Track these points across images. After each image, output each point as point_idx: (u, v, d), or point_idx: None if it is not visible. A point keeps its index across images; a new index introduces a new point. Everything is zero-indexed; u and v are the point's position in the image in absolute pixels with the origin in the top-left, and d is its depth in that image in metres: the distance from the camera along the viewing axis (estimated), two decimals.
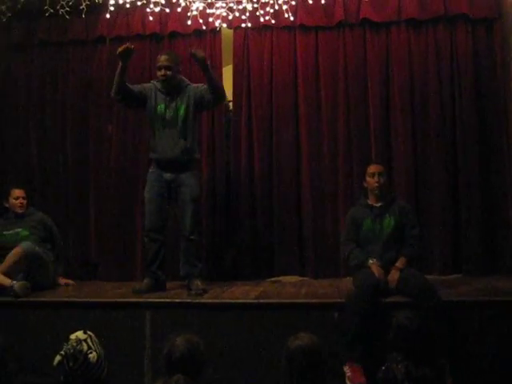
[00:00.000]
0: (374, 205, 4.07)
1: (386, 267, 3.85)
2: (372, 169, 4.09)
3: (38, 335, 3.85)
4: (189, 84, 4.47)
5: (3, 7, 4.99)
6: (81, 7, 4.82)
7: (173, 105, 4.37)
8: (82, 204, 5.41)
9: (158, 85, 4.43)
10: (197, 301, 3.92)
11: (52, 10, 4.88)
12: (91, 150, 5.44)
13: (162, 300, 3.98)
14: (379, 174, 4.05)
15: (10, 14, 5.01)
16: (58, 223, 5.13)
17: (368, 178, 4.10)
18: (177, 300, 3.98)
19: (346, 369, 3.45)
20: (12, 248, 4.32)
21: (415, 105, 5.10)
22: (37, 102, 5.54)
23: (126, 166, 5.33)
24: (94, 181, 5.41)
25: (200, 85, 4.43)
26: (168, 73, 4.33)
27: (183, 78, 4.50)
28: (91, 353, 2.46)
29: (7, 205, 4.73)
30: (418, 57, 5.12)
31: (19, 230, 4.60)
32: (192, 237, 4.30)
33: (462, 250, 4.94)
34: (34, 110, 5.54)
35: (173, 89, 4.39)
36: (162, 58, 4.37)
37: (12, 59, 5.58)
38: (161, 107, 4.38)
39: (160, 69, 4.36)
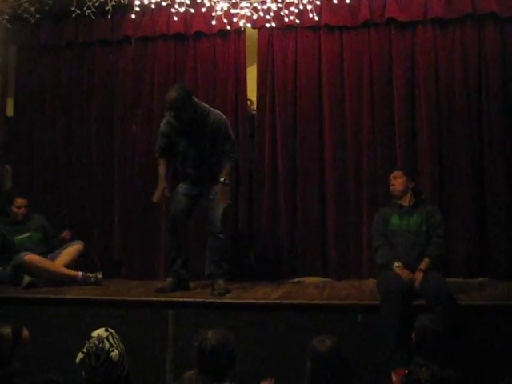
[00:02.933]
0: (403, 204, 4.18)
1: (412, 265, 3.86)
2: (392, 174, 4.34)
3: (61, 332, 3.90)
4: (210, 111, 4.34)
5: (31, 9, 5.05)
6: (107, 8, 4.85)
7: (194, 135, 4.30)
8: (106, 203, 5.46)
9: (173, 121, 4.32)
10: (219, 301, 3.92)
11: (79, 11, 4.92)
12: (116, 149, 5.49)
13: (185, 299, 3.99)
14: (394, 178, 4.27)
15: (38, 16, 5.07)
16: (83, 221, 5.20)
17: (390, 183, 4.31)
18: (199, 299, 3.99)
19: (394, 375, 3.39)
20: (28, 251, 4.59)
21: (441, 106, 5.02)
22: (63, 102, 5.61)
23: (150, 165, 5.35)
24: (119, 180, 5.46)
25: (220, 127, 4.33)
26: (179, 114, 4.19)
27: (201, 105, 4.34)
28: (113, 350, 2.46)
29: (9, 211, 4.87)
30: (444, 57, 5.05)
31: (29, 233, 4.85)
32: (221, 236, 4.31)
33: (488, 252, 4.86)
34: (60, 111, 5.61)
35: (190, 119, 4.26)
36: (170, 99, 4.15)
37: (39, 60, 5.66)
38: (183, 142, 4.34)
39: (169, 110, 4.22)
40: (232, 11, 4.81)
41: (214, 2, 4.79)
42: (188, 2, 4.75)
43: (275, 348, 3.67)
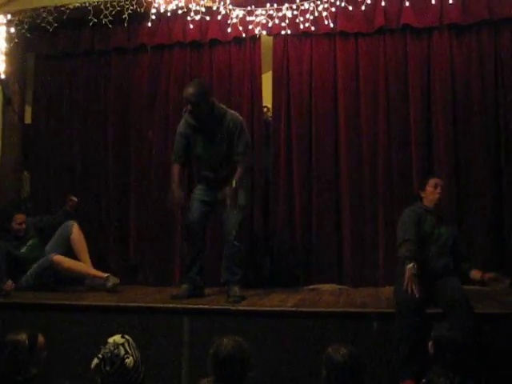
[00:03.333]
0: (436, 213, 4.11)
1: (435, 275, 3.81)
2: (435, 180, 4.19)
3: (77, 339, 3.91)
4: (226, 111, 4.34)
5: (50, 18, 5.13)
6: (123, 16, 4.92)
7: (210, 138, 4.29)
8: (122, 209, 5.50)
9: (191, 120, 4.32)
10: (234, 308, 3.91)
11: (95, 20, 4.99)
12: (132, 155, 5.53)
13: (200, 306, 3.99)
14: (438, 186, 4.16)
15: (56, 25, 5.14)
16: (99, 226, 5.24)
17: (430, 188, 4.15)
18: (214, 306, 3.99)
19: None
20: (34, 259, 4.73)
21: (457, 112, 4.99)
22: (80, 109, 5.66)
23: (166, 171, 5.36)
24: (135, 187, 5.49)
25: (236, 130, 4.29)
26: (196, 109, 4.19)
27: (218, 105, 4.34)
28: (128, 357, 2.46)
29: (9, 227, 4.87)
30: (460, 62, 5.01)
31: (30, 242, 4.91)
32: (236, 243, 4.30)
33: (509, 258, 4.79)
34: (77, 118, 5.66)
35: (207, 118, 4.27)
36: (187, 93, 4.18)
37: (57, 68, 5.73)
38: (199, 146, 4.33)
39: (186, 103, 4.24)
40: (247, 19, 4.84)
41: (230, 10, 4.83)
42: (203, 10, 4.80)
43: (291, 355, 3.65)
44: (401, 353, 3.45)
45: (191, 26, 5.03)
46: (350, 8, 4.79)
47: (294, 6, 4.84)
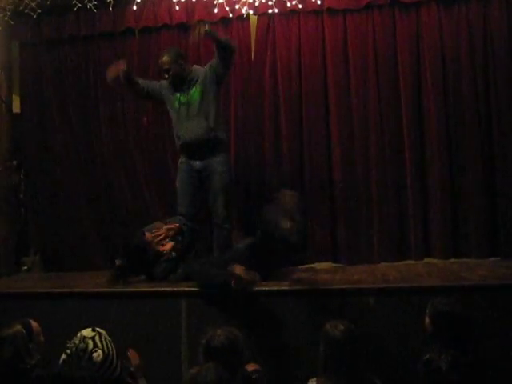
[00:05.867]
0: None
1: None
2: None
3: (71, 326, 3.88)
4: (198, 69, 4.49)
5: (33, 4, 5.05)
6: (108, 0, 4.84)
7: (187, 94, 4.40)
8: (113, 197, 5.48)
9: (167, 85, 4.51)
10: None
11: (80, 5, 4.92)
12: (123, 142, 5.48)
13: (197, 289, 3.99)
14: None
15: (39, 11, 5.06)
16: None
17: None
18: None
19: None
20: None
21: (447, 86, 4.97)
22: (69, 96, 5.59)
23: (161, 156, 5.35)
24: (124, 173, 5.47)
25: (208, 64, 4.46)
26: (169, 74, 4.41)
27: (192, 67, 4.53)
28: (96, 351, 2.40)
29: None
30: (449, 36, 4.98)
31: None
32: (225, 225, 4.30)
33: (499, 232, 4.82)
34: (66, 106, 5.59)
35: (183, 82, 4.43)
36: (162, 60, 4.46)
37: (43, 55, 5.65)
38: (176, 101, 4.44)
39: (162, 72, 4.47)
40: None
41: None
42: None
43: (288, 334, 3.67)
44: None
45: (177, 8, 4.96)
46: None
47: None
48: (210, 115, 4.35)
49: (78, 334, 2.47)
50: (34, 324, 2.99)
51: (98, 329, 2.51)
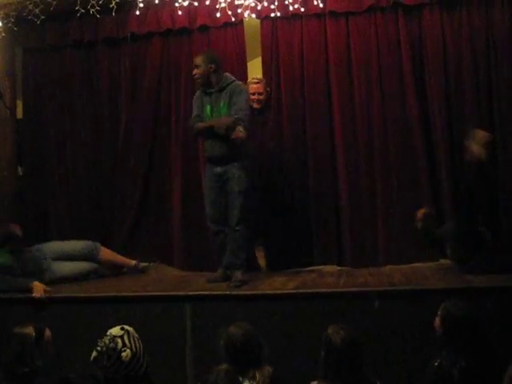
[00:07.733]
0: None
1: None
2: None
3: (79, 330, 3.92)
4: (233, 81, 4.49)
5: (37, 10, 5.07)
6: (111, 5, 4.86)
7: (217, 104, 4.42)
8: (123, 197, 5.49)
9: (199, 94, 4.57)
10: (235, 293, 3.92)
11: (83, 10, 4.93)
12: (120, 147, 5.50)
13: (201, 292, 4.00)
14: None
15: (43, 17, 5.08)
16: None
17: None
18: (215, 292, 4.00)
19: None
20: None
21: (450, 88, 4.97)
22: (71, 102, 5.61)
23: (160, 160, 5.36)
24: (123, 175, 5.49)
25: (234, 88, 4.42)
26: (196, 71, 4.45)
27: (224, 75, 4.51)
28: (125, 350, 2.39)
29: None
30: (452, 38, 4.97)
31: None
32: (238, 228, 4.32)
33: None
34: (69, 110, 5.61)
35: (211, 86, 4.44)
36: (195, 58, 4.54)
37: (46, 61, 5.67)
38: (207, 109, 4.48)
39: (193, 67, 4.52)
40: (236, 2, 4.79)
41: None
42: None
43: (293, 338, 3.67)
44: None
45: (180, 13, 4.97)
46: None
47: None
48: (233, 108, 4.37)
49: (108, 333, 2.49)
50: (47, 332, 3.00)
51: (126, 327, 2.52)
